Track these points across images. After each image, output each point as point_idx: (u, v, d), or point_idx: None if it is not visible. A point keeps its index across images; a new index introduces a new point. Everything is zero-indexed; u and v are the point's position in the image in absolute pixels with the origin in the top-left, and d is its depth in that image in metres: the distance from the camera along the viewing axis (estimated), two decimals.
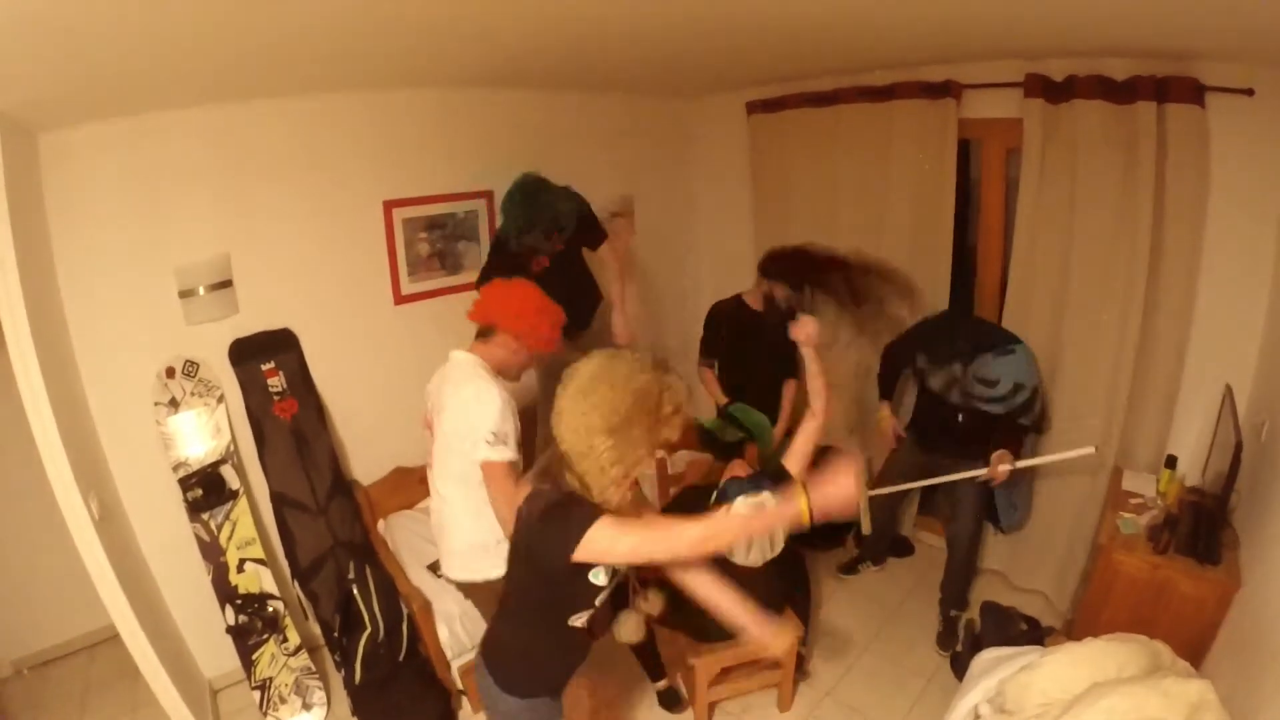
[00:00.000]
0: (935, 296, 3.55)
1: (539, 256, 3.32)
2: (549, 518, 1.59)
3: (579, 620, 1.75)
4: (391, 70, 2.97)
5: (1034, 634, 3.01)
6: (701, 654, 2.77)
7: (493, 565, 2.27)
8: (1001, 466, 2.98)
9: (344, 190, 3.24)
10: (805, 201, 4.01)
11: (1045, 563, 3.46)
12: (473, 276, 3.59)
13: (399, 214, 3.39)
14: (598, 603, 1.73)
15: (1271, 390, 2.58)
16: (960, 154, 3.45)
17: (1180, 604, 2.49)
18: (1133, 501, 2.85)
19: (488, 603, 2.29)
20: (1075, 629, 2.79)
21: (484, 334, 2.45)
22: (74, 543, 2.36)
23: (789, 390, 3.57)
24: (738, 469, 2.58)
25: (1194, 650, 2.38)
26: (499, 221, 3.39)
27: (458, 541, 2.44)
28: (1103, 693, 1.96)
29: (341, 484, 3.24)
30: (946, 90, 3.31)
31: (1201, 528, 2.53)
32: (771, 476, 2.51)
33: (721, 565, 2.43)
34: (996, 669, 2.42)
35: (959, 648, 3.21)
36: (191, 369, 2.97)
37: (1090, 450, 2.93)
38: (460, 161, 3.55)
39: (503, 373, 2.41)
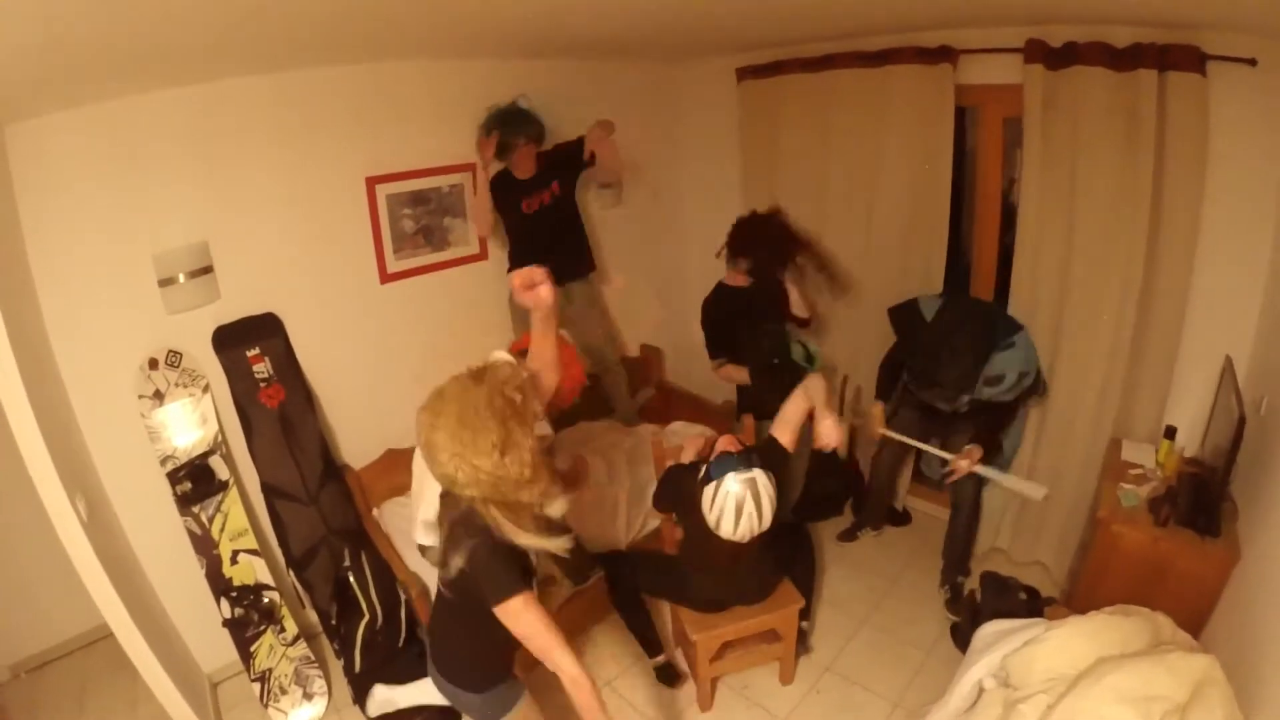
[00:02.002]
0: (931, 267, 3.55)
1: (531, 198, 3.54)
2: (488, 564, 1.68)
3: None
4: (370, 42, 2.88)
5: (1033, 604, 3.07)
6: (702, 629, 2.82)
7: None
8: (962, 463, 3.08)
9: (324, 168, 3.17)
10: (796, 171, 3.97)
11: (1044, 533, 3.52)
12: (460, 252, 3.62)
13: (382, 190, 3.33)
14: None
15: (1269, 363, 2.60)
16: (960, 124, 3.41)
17: (1179, 576, 2.54)
18: (1132, 473, 2.88)
19: None
20: (1074, 600, 2.83)
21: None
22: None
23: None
24: (727, 444, 2.59)
25: (1192, 621, 2.43)
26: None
27: (428, 513, 2.57)
28: (1108, 668, 2.03)
29: (332, 470, 3.24)
30: (943, 55, 3.25)
31: (1202, 500, 2.56)
32: (760, 450, 2.56)
33: (706, 540, 2.52)
34: (999, 643, 2.47)
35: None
36: (175, 359, 2.94)
37: (1041, 493, 3.03)
38: (443, 134, 3.48)
39: None
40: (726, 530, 2.45)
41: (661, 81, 4.45)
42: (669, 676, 3.09)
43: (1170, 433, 2.90)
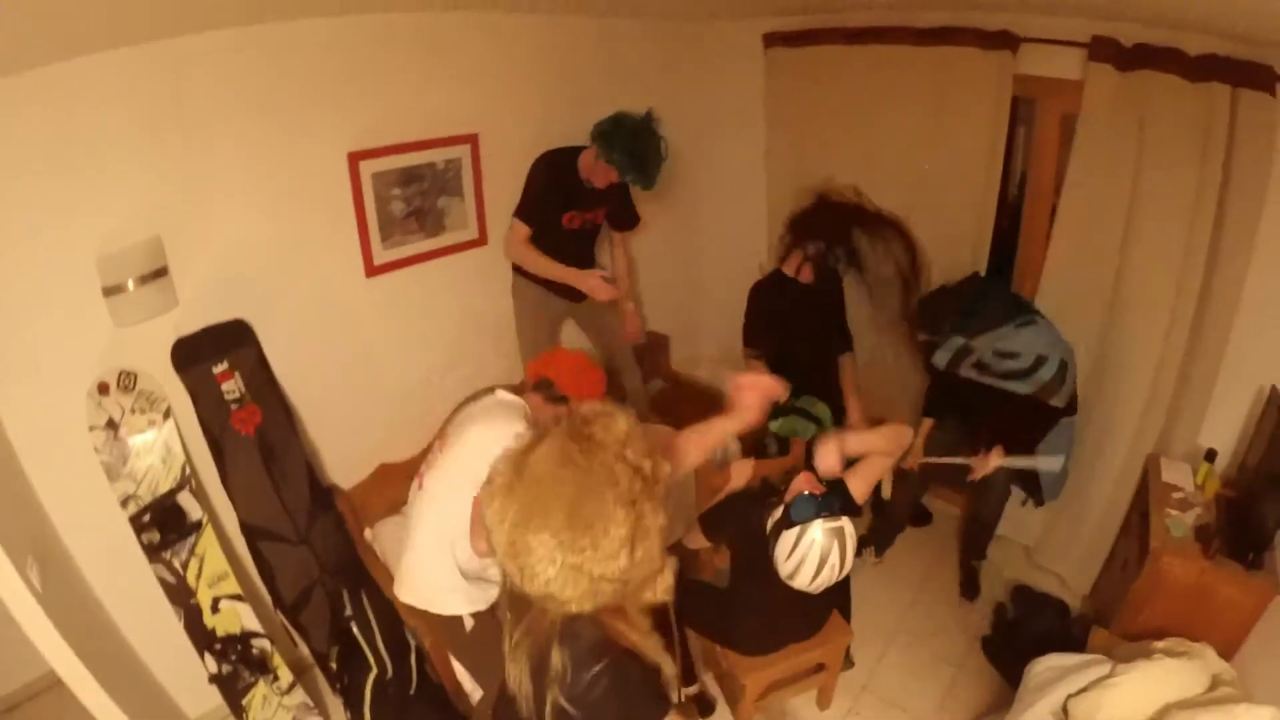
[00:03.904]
0: (975, 265, 3.40)
1: (583, 211, 3.25)
2: (626, 696, 1.22)
3: None
4: None
5: (1070, 624, 3.10)
6: (751, 671, 2.69)
7: (444, 603, 2.45)
8: (994, 461, 2.99)
9: (299, 143, 2.71)
10: (828, 154, 3.71)
11: (1071, 545, 3.51)
12: (458, 237, 3.25)
13: (367, 168, 2.87)
14: None
15: None
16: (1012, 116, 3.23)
17: (1220, 605, 2.59)
18: (1175, 496, 2.89)
19: (433, 630, 2.52)
20: (1113, 623, 2.86)
21: (539, 388, 2.48)
22: None
23: (847, 368, 3.43)
24: (807, 484, 2.35)
25: (1227, 646, 2.54)
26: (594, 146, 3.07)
27: (417, 571, 2.50)
28: None
29: (321, 499, 2.88)
30: (1004, 41, 3.05)
31: (1251, 534, 2.59)
32: (840, 496, 2.36)
33: (765, 583, 2.36)
34: (1060, 682, 2.50)
35: (977, 597, 3.45)
36: (129, 381, 2.49)
37: (1058, 463, 2.97)
38: (441, 100, 3.04)
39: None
40: (803, 581, 2.26)
41: (681, 44, 4.05)
42: (703, 707, 2.97)
43: (1211, 456, 2.90)
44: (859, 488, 2.39)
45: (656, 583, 1.21)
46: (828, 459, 2.30)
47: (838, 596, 3.00)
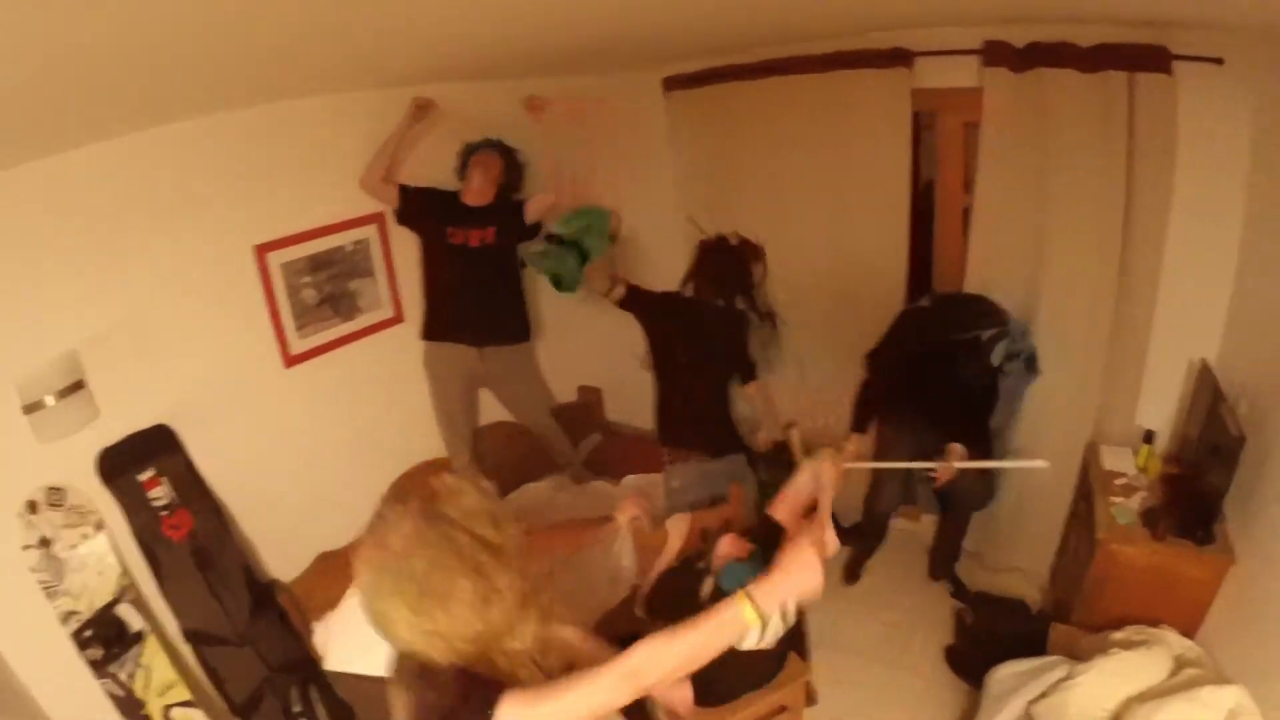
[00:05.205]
0: (893, 278, 3.89)
1: (466, 229, 3.68)
2: None
3: None
4: (253, 82, 2.83)
5: (1030, 623, 3.49)
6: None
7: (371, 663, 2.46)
8: (952, 463, 3.37)
9: (204, 240, 3.13)
10: (739, 188, 4.22)
11: (1020, 538, 3.97)
12: (374, 317, 3.69)
13: (275, 258, 3.31)
14: None
15: (1240, 365, 3.06)
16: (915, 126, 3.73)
17: (1177, 584, 2.94)
18: (1118, 483, 3.30)
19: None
20: (1072, 614, 3.24)
21: None
22: None
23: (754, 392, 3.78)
24: (732, 548, 2.65)
25: (1189, 623, 2.88)
26: None
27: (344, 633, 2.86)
28: (1143, 715, 2.41)
29: (262, 598, 3.25)
30: (897, 58, 3.53)
31: (1198, 512, 2.94)
32: (767, 544, 2.61)
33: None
34: (1021, 688, 2.82)
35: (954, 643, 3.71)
36: (57, 497, 2.84)
37: (1044, 464, 3.26)
38: (342, 182, 3.49)
39: None
40: (750, 644, 2.46)
41: (584, 96, 4.49)
42: None
43: (1149, 437, 3.37)
44: (785, 517, 2.68)
45: (520, 631, 1.46)
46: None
47: (791, 639, 3.37)
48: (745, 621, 1.51)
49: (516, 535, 1.46)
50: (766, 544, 2.63)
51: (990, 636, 3.49)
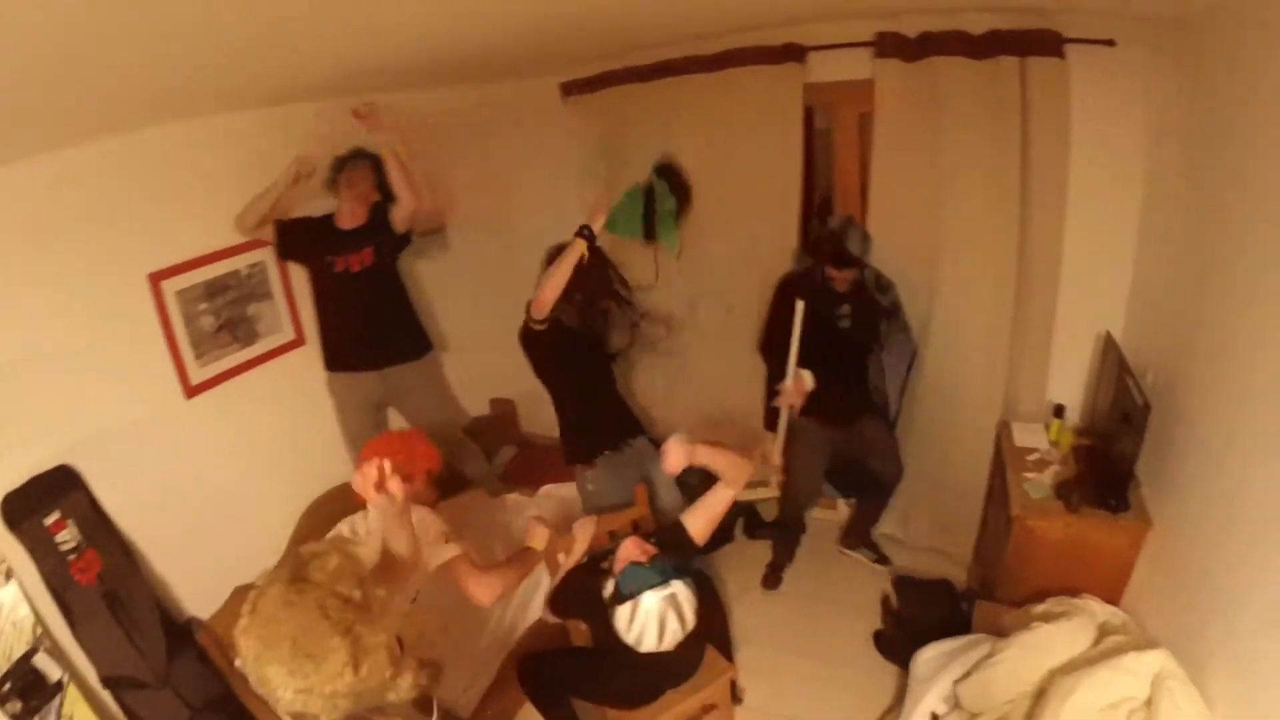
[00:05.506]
0: (789, 267, 4.05)
1: (347, 255, 3.68)
2: None
3: None
4: (136, 105, 2.84)
5: (955, 602, 3.71)
6: None
7: None
8: (790, 385, 3.62)
9: (94, 273, 3.11)
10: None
11: (940, 518, 4.20)
12: (275, 341, 3.73)
13: (169, 286, 3.31)
14: None
15: (1143, 335, 3.30)
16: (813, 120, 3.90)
17: (1096, 552, 3.11)
18: (1030, 458, 3.50)
19: None
20: (996, 591, 3.42)
21: None
22: None
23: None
24: (634, 551, 2.70)
25: (1113, 590, 3.06)
26: None
27: None
28: (1068, 686, 2.49)
29: (179, 637, 3.26)
30: (789, 54, 3.69)
31: (1109, 481, 3.12)
32: (667, 545, 2.77)
33: (623, 647, 2.65)
34: (945, 669, 2.96)
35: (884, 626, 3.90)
36: None
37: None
38: (234, 204, 3.48)
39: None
40: (649, 647, 2.59)
41: (484, 106, 4.64)
42: None
43: (1059, 411, 3.59)
44: (698, 526, 2.84)
45: (396, 684, 1.59)
46: (673, 459, 2.72)
47: (711, 636, 3.51)
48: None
49: (378, 594, 1.60)
50: (670, 549, 2.75)
51: (916, 619, 3.67)
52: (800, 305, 3.54)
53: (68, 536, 3.01)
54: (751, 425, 4.24)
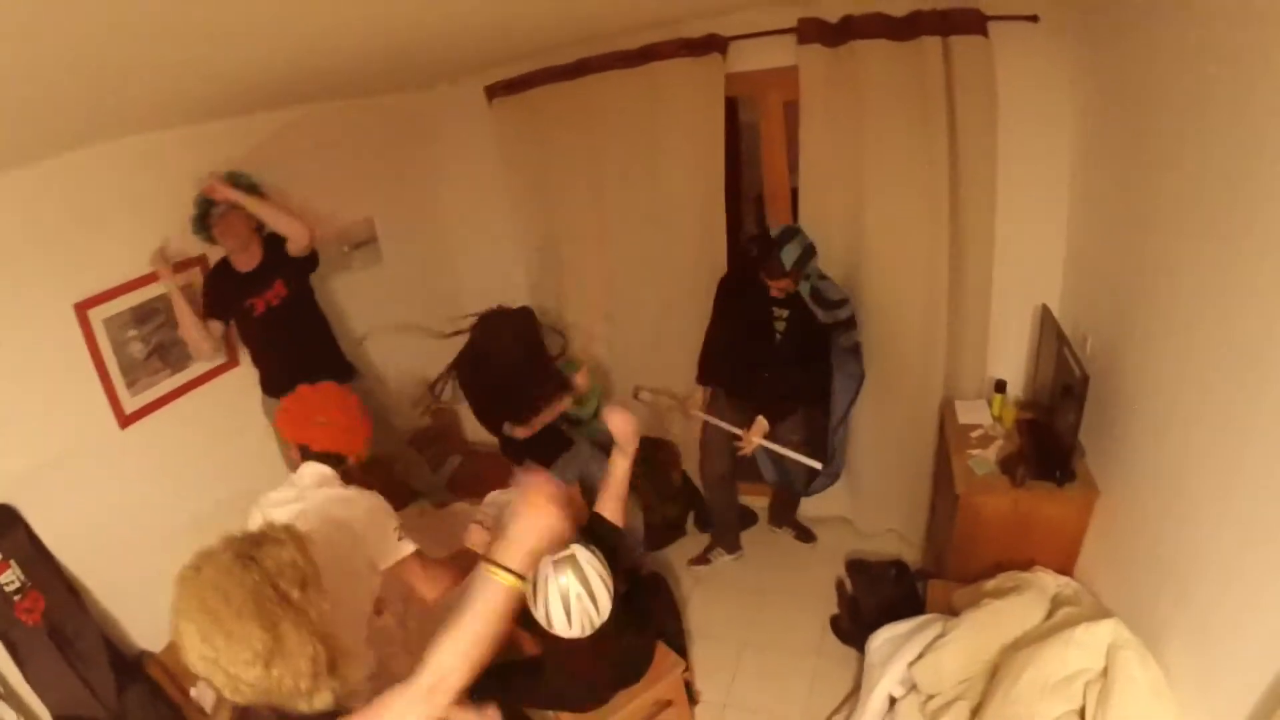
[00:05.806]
0: (716, 260, 4.09)
1: (258, 297, 3.60)
2: None
3: None
4: (51, 131, 2.77)
5: (907, 582, 3.75)
6: None
7: None
8: (752, 438, 3.68)
9: (17, 307, 3.02)
10: (568, 188, 4.37)
11: (889, 501, 4.25)
12: (207, 365, 3.65)
13: (97, 315, 3.23)
14: None
15: (1080, 306, 3.35)
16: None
17: (1045, 525, 3.17)
18: (974, 435, 3.54)
19: None
20: (947, 570, 3.46)
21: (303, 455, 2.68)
22: None
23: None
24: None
25: (1065, 560, 3.13)
26: None
27: None
28: (1021, 662, 2.54)
29: (128, 671, 3.23)
30: (711, 45, 3.67)
31: (1052, 453, 3.16)
32: (598, 540, 2.65)
33: (558, 641, 2.59)
34: (899, 652, 2.99)
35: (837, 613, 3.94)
36: None
37: (818, 464, 3.67)
38: (156, 227, 3.42)
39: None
40: (560, 628, 2.50)
41: (408, 113, 4.60)
42: None
43: (1001, 386, 3.63)
44: (611, 508, 2.76)
45: (311, 697, 1.51)
46: (619, 419, 2.68)
47: (662, 619, 3.53)
48: (504, 585, 1.54)
49: (321, 605, 1.52)
50: (598, 541, 2.64)
51: (871, 602, 3.70)
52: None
53: (10, 578, 2.97)
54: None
